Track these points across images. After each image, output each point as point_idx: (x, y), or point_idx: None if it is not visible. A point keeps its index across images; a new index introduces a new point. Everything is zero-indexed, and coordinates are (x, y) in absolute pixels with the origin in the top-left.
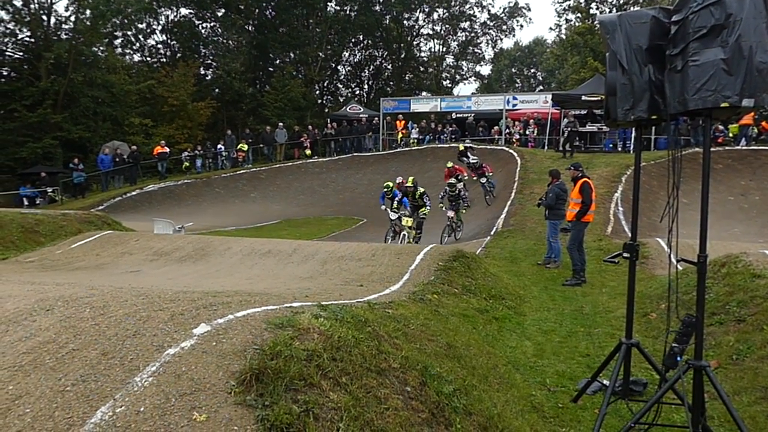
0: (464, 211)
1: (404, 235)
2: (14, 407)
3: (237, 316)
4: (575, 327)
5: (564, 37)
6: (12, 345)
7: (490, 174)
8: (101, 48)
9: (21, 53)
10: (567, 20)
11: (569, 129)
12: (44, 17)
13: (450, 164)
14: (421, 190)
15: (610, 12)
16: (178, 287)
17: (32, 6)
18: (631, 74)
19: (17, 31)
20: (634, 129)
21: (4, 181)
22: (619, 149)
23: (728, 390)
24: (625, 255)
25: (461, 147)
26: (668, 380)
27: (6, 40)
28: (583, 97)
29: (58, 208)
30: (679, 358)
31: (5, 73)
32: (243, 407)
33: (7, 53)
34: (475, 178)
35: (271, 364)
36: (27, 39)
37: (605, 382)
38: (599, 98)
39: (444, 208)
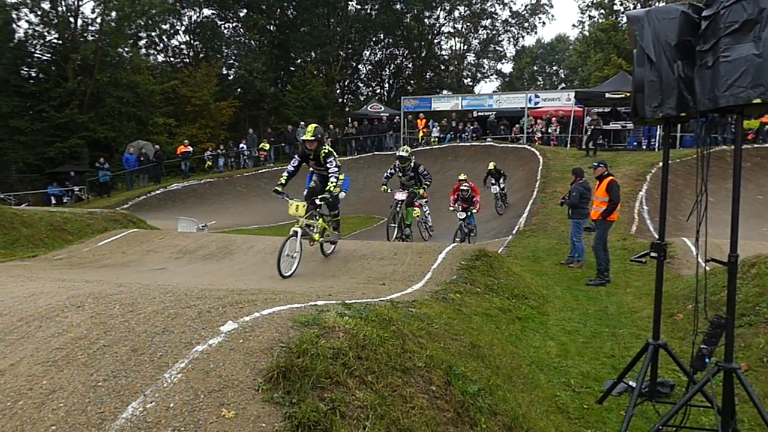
0: (422, 191)
1: (294, 232)
2: (48, 401)
3: (263, 314)
4: (600, 327)
5: (587, 33)
6: (45, 341)
7: (475, 212)
8: (126, 49)
9: (49, 55)
10: (590, 17)
11: (592, 127)
12: (71, 19)
13: (463, 176)
14: (327, 149)
15: (634, 8)
16: (203, 285)
17: (60, 8)
18: (660, 70)
19: (45, 34)
20: (661, 126)
21: (33, 180)
22: (644, 147)
23: (759, 393)
24: (653, 255)
25: (491, 166)
26: (696, 382)
27: (35, 42)
28: (607, 95)
29: (84, 206)
30: (707, 360)
31: (34, 75)
32: (270, 404)
33: (36, 55)
34: (453, 208)
35: (297, 362)
36: (55, 41)
37: (631, 383)
38: (623, 96)
39: (389, 190)
